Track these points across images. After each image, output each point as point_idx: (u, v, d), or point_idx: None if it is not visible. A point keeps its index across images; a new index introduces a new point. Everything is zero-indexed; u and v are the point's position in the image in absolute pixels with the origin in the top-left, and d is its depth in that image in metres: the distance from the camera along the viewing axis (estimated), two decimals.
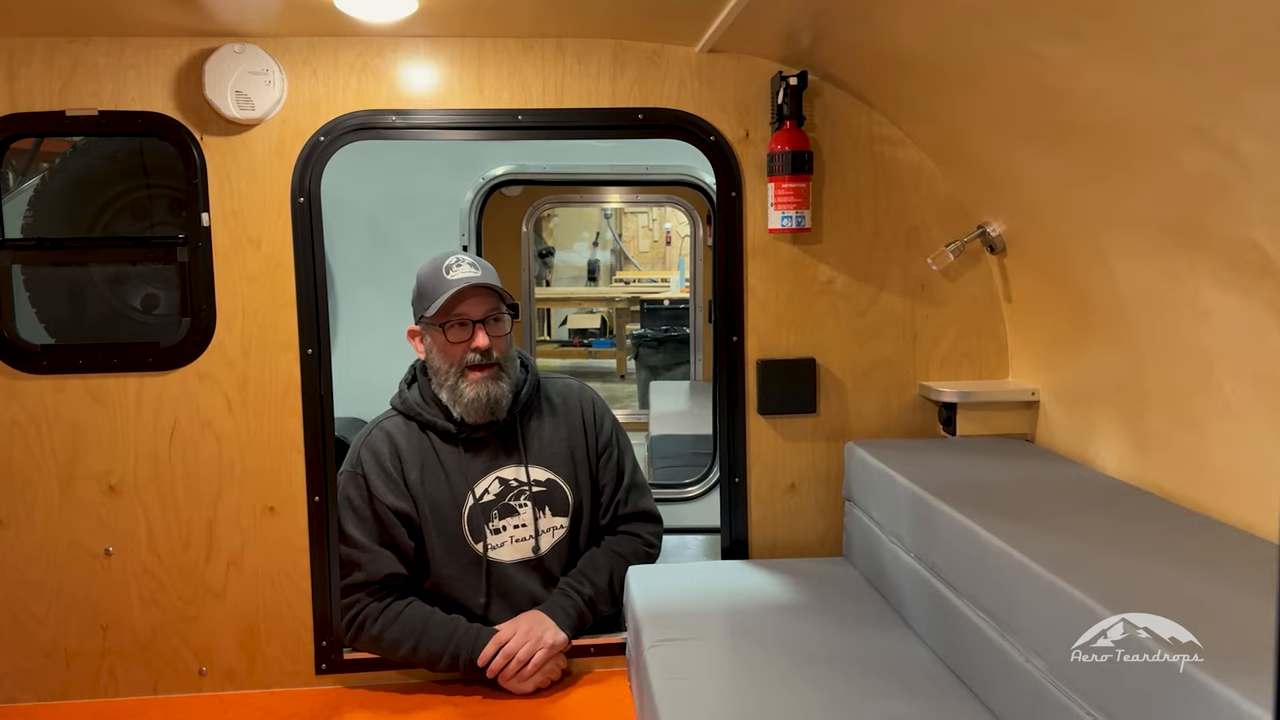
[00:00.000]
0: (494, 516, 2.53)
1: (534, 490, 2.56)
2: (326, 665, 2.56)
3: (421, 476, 2.52)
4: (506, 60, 2.48)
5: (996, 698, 1.76)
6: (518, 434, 2.58)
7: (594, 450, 2.65)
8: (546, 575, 2.57)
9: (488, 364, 2.45)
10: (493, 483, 2.55)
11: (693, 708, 1.86)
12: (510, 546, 2.54)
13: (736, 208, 2.59)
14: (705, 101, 2.54)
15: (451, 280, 2.43)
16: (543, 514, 2.57)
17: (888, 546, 2.29)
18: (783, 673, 1.96)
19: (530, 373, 2.63)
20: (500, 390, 2.47)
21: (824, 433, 2.68)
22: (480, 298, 2.46)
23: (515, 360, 2.54)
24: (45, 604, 2.51)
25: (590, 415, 2.67)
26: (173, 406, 2.50)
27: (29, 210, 3.17)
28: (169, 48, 2.39)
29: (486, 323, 2.46)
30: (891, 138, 2.60)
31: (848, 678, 1.93)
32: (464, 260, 2.48)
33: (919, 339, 2.68)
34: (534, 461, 2.57)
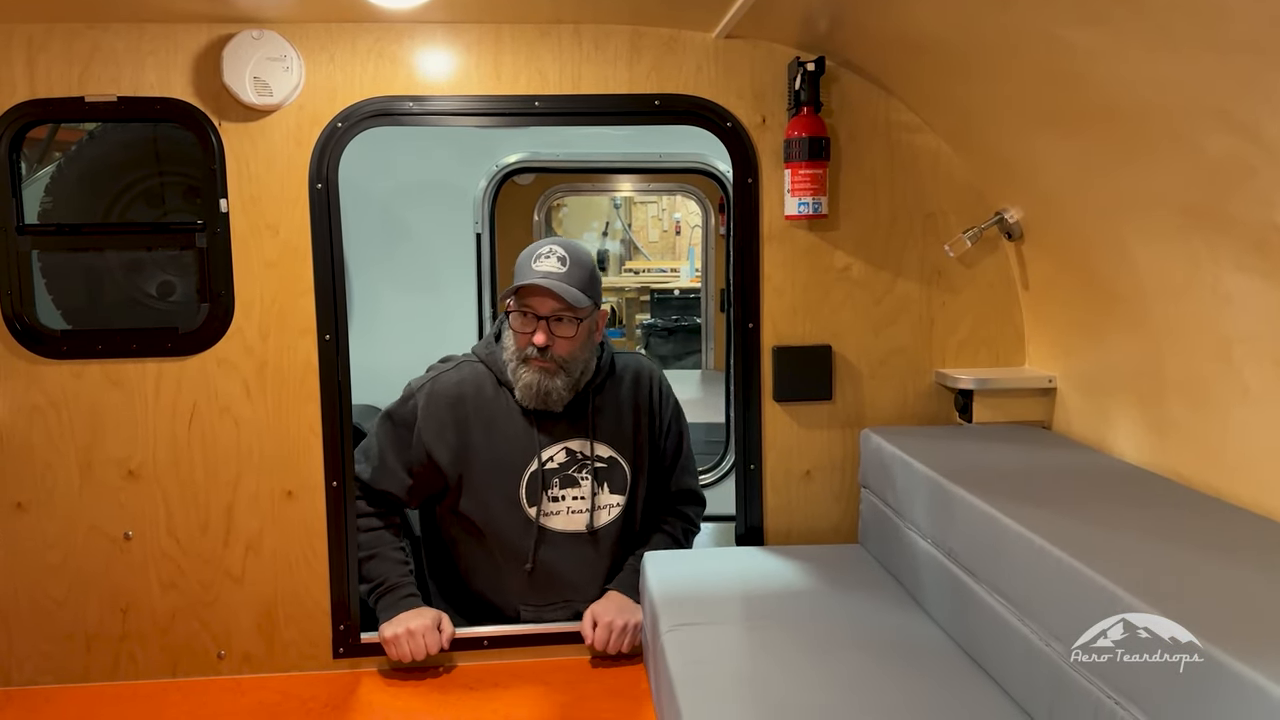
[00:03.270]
0: (554, 484, 2.60)
1: (596, 466, 2.61)
2: (344, 649, 2.58)
3: (487, 432, 2.58)
4: (523, 46, 2.48)
5: (1016, 683, 1.77)
6: (589, 410, 2.61)
7: (659, 431, 2.72)
8: (597, 549, 2.64)
9: (546, 360, 2.49)
10: (559, 451, 2.60)
11: (710, 693, 1.86)
12: (565, 516, 2.61)
13: (753, 194, 2.59)
14: (722, 87, 2.54)
15: (533, 270, 2.47)
16: (601, 490, 2.62)
17: (904, 533, 2.30)
18: (799, 658, 1.97)
19: (606, 351, 2.68)
20: (553, 385, 2.50)
21: (840, 420, 2.68)
22: (552, 295, 2.47)
23: (581, 361, 2.55)
24: (65, 587, 2.53)
25: (657, 397, 2.72)
26: (191, 391, 2.51)
27: (46, 196, 3.18)
28: (187, 34, 2.40)
29: (550, 321, 2.47)
30: (909, 124, 2.59)
31: (864, 663, 1.94)
32: (556, 252, 2.50)
33: (935, 326, 2.67)
34: (599, 439, 2.62)
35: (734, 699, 1.85)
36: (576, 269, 2.49)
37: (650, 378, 2.74)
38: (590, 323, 2.54)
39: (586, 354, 2.56)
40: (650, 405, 2.71)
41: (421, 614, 2.49)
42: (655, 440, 2.72)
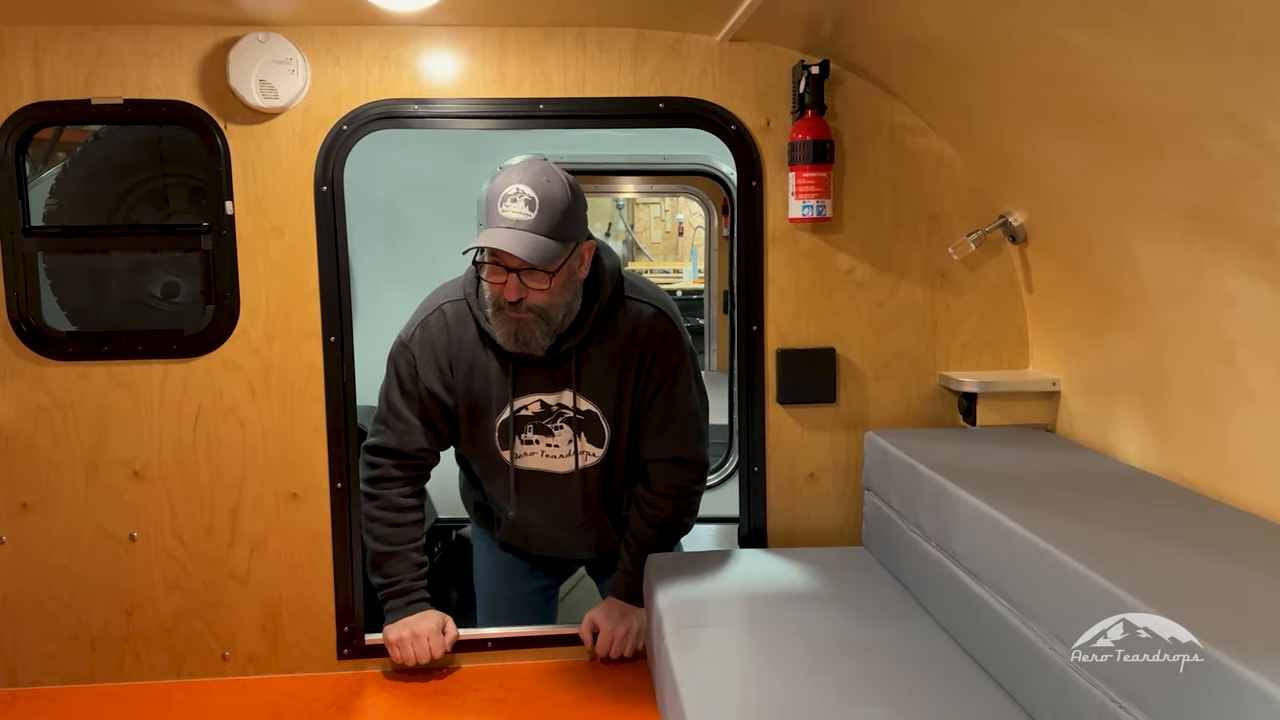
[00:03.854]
0: (527, 431, 2.48)
1: (574, 417, 2.46)
2: (348, 651, 2.58)
3: (469, 374, 2.44)
4: (528, 49, 2.48)
5: (1020, 685, 1.77)
6: (571, 363, 2.41)
7: (642, 389, 2.45)
8: (581, 492, 2.53)
9: (521, 311, 2.28)
10: (534, 402, 2.45)
11: (714, 695, 1.87)
12: (539, 459, 2.50)
13: (757, 197, 2.59)
14: (726, 91, 2.54)
15: (499, 216, 2.21)
16: (579, 438, 2.48)
17: (908, 535, 2.30)
18: (803, 660, 1.97)
19: (599, 302, 2.37)
20: (532, 335, 2.30)
21: (843, 422, 2.69)
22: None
23: (563, 304, 2.30)
24: (70, 588, 2.53)
25: (649, 355, 2.42)
26: (196, 393, 2.51)
27: (51, 199, 3.19)
28: (193, 36, 2.40)
29: (522, 273, 2.23)
30: (913, 127, 2.60)
31: (868, 665, 1.94)
32: (523, 195, 2.20)
33: (939, 328, 2.68)
34: (582, 390, 2.44)
35: (737, 701, 1.86)
36: (547, 212, 2.20)
37: (649, 330, 2.42)
38: (571, 264, 2.29)
39: (568, 295, 2.31)
40: (640, 361, 2.42)
41: (426, 617, 2.47)
42: (640, 395, 2.46)
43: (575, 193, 2.27)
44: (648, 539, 2.53)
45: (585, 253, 2.32)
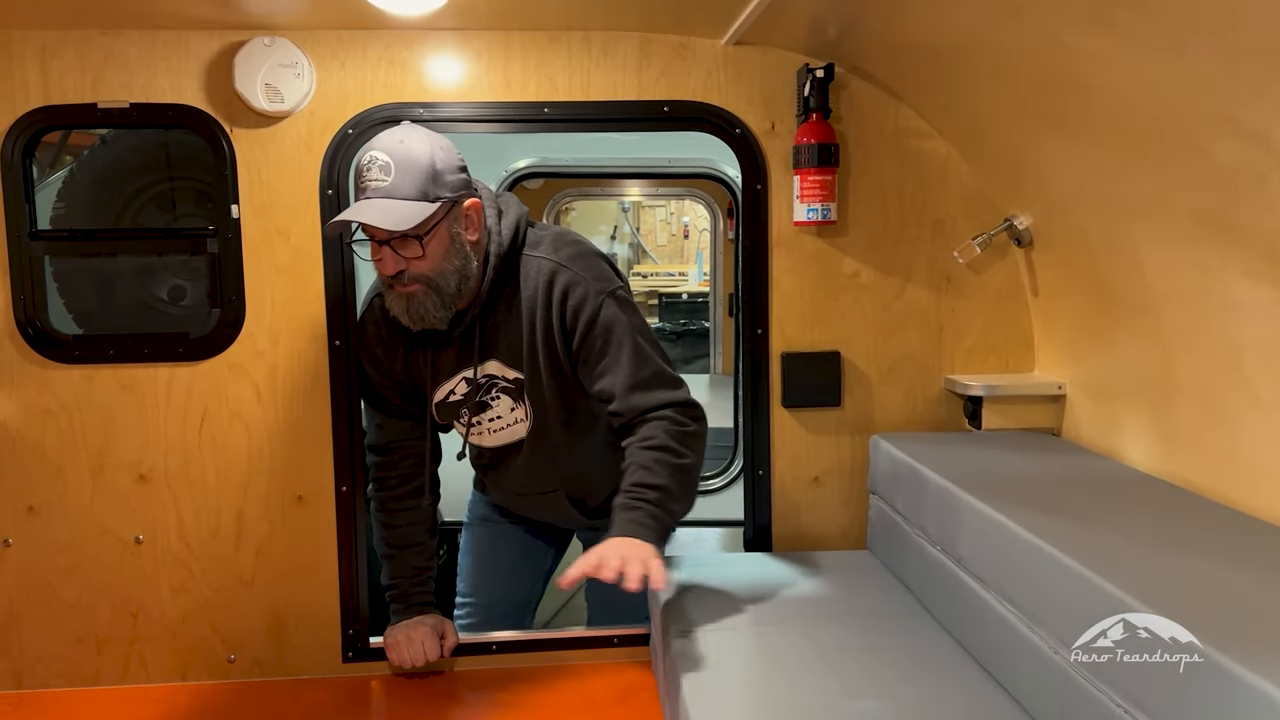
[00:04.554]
0: (464, 414, 2.39)
1: (504, 385, 2.34)
2: (353, 654, 2.58)
3: (405, 364, 2.38)
4: (533, 53, 2.49)
5: (1025, 690, 1.76)
6: (477, 334, 2.28)
7: (571, 350, 2.27)
8: (527, 461, 2.44)
9: (405, 283, 2.15)
10: (459, 383, 2.35)
11: (718, 698, 1.87)
12: (488, 435, 2.43)
13: (762, 200, 2.59)
14: (731, 94, 2.54)
15: (358, 189, 2.10)
16: (519, 405, 2.35)
17: (913, 539, 2.30)
18: (807, 664, 1.97)
19: (492, 264, 2.22)
20: (425, 308, 2.16)
21: (848, 426, 2.68)
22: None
23: (452, 271, 2.15)
24: (76, 591, 2.54)
25: (558, 313, 2.23)
26: (202, 396, 2.52)
27: (59, 202, 3.20)
28: (199, 40, 2.41)
29: (394, 243, 2.10)
30: (918, 130, 2.59)
31: (872, 669, 1.94)
32: (377, 160, 2.06)
33: (944, 332, 2.67)
34: (499, 358, 2.30)
35: (741, 704, 1.86)
36: (405, 173, 2.06)
37: (547, 283, 2.23)
38: (449, 225, 2.13)
39: (456, 261, 2.15)
40: (546, 318, 2.24)
41: (423, 621, 2.44)
42: (562, 353, 2.27)
43: (442, 149, 2.13)
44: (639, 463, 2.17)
45: (471, 212, 2.17)
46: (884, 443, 2.53)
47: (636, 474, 2.16)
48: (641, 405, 2.22)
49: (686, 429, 2.22)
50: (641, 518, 2.10)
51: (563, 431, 2.39)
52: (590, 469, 2.52)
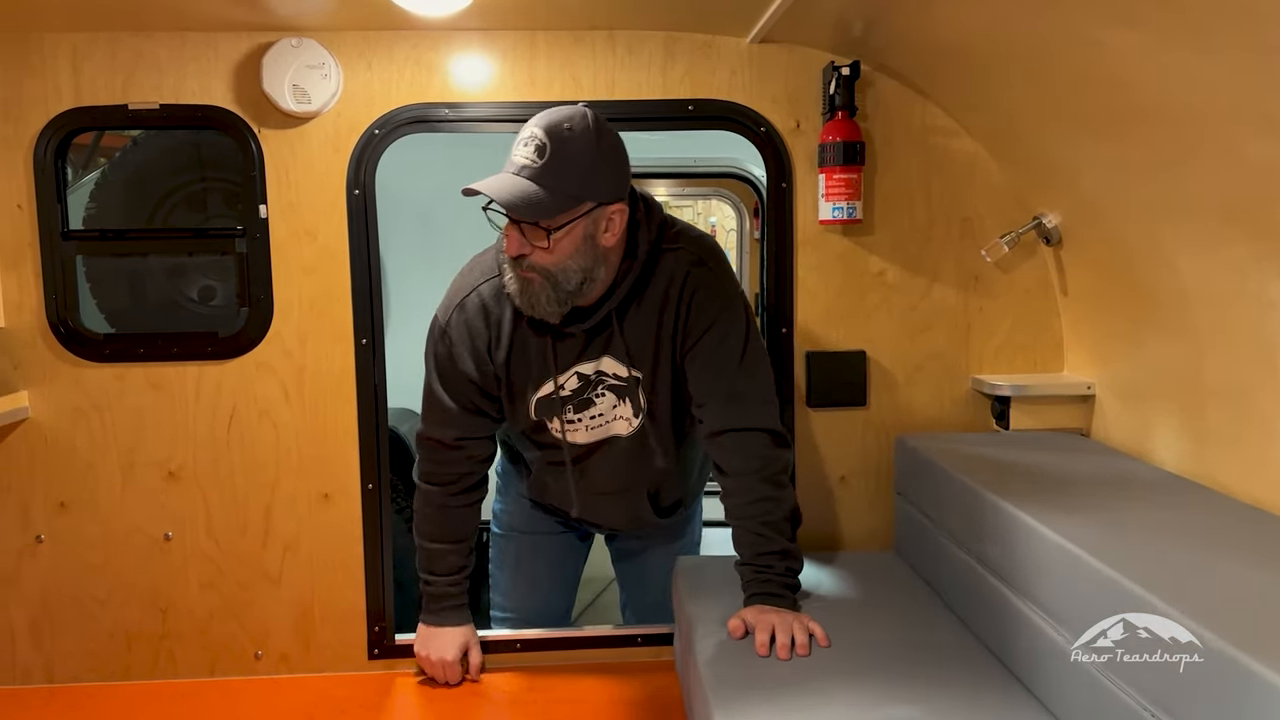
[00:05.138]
0: (568, 411, 2.28)
1: (612, 382, 2.24)
2: (379, 651, 2.60)
3: (509, 355, 2.23)
4: (558, 52, 2.49)
5: (1053, 694, 1.74)
6: (610, 328, 2.18)
7: (680, 346, 2.20)
8: (620, 462, 2.35)
9: (525, 269, 2.06)
10: (571, 377, 2.24)
11: (741, 699, 1.86)
12: (584, 434, 2.32)
13: (787, 199, 2.58)
14: (756, 92, 2.53)
15: (508, 160, 2.01)
16: (621, 404, 2.27)
17: (940, 540, 2.28)
18: (833, 665, 1.95)
19: (639, 261, 2.13)
20: (537, 298, 2.06)
21: (874, 426, 2.66)
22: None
23: (576, 271, 2.04)
24: (107, 587, 2.57)
25: (684, 307, 2.17)
26: (231, 395, 2.54)
27: (91, 203, 3.25)
28: (228, 42, 2.43)
29: (524, 226, 2.01)
30: (946, 128, 2.57)
31: (899, 672, 1.92)
32: (535, 139, 1.96)
33: (972, 332, 2.65)
34: (615, 355, 2.21)
35: (766, 706, 1.84)
36: (556, 164, 1.94)
37: (684, 283, 2.16)
38: (585, 227, 2.02)
39: (583, 261, 2.04)
40: (676, 317, 2.17)
41: (452, 643, 2.42)
42: (679, 356, 2.22)
43: (606, 148, 2.00)
44: (752, 529, 2.17)
45: (615, 216, 2.04)
46: (910, 443, 2.51)
47: (754, 542, 2.18)
48: (734, 422, 2.18)
49: (775, 462, 2.20)
50: (775, 589, 2.13)
51: (669, 429, 2.32)
52: (681, 468, 2.47)
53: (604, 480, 2.40)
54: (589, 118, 1.98)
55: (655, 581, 2.64)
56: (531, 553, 2.67)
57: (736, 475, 2.19)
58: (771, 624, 2.02)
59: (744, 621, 2.06)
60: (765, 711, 1.81)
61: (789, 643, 1.99)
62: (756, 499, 2.17)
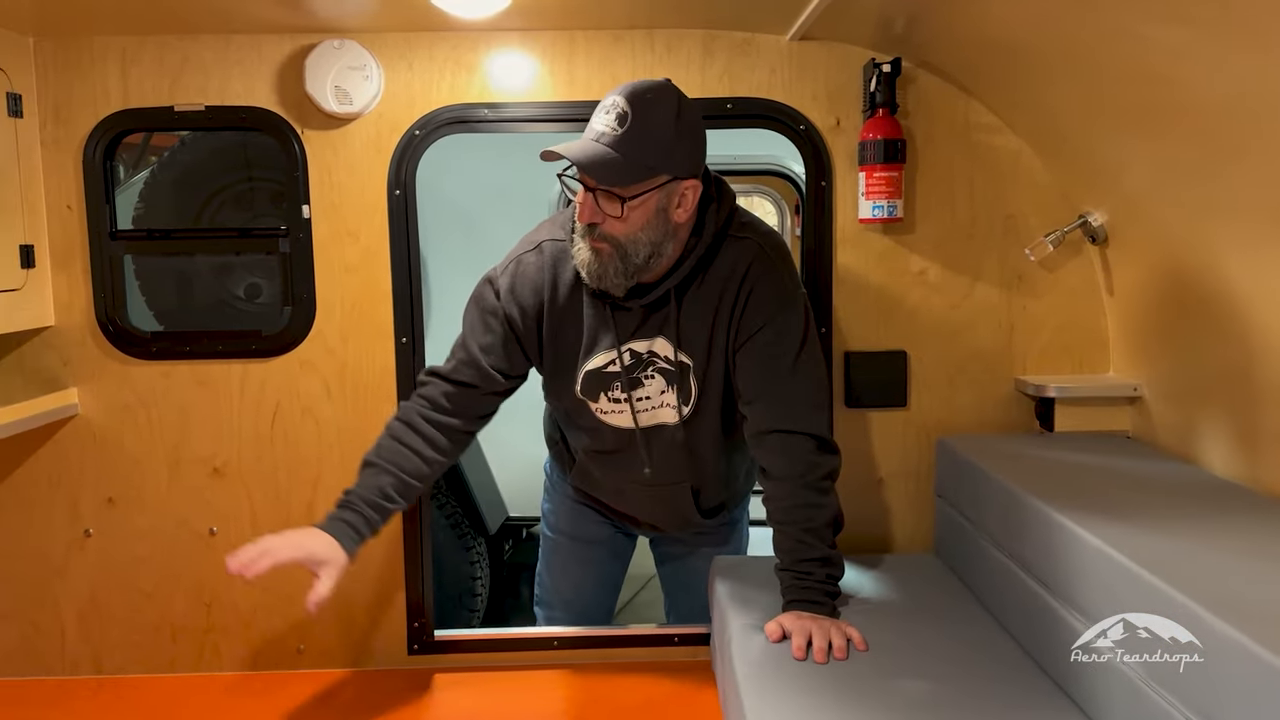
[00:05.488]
0: (614, 387, 2.22)
1: (663, 365, 2.19)
2: (418, 646, 2.62)
3: (561, 318, 2.18)
4: (597, 51, 2.49)
5: (1093, 700, 1.71)
6: (668, 308, 2.14)
7: (734, 338, 2.16)
8: (663, 452, 2.29)
9: (596, 238, 2.03)
10: (625, 353, 2.18)
11: (777, 700, 1.85)
12: (626, 417, 2.25)
13: (826, 197, 2.56)
14: (795, 90, 2.51)
15: (588, 127, 1.99)
16: (670, 390, 2.21)
17: (981, 544, 2.25)
18: (870, 668, 1.94)
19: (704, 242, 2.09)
20: (605, 270, 2.03)
21: (915, 427, 2.64)
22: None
23: (647, 245, 2.02)
24: (153, 581, 2.62)
25: (742, 298, 2.12)
26: (275, 392, 2.58)
27: (140, 202, 3.31)
28: (271, 44, 2.46)
29: (599, 194, 1.99)
30: (989, 125, 2.54)
31: (936, 676, 1.90)
32: (617, 107, 1.93)
33: (1015, 332, 2.61)
34: (668, 336, 2.16)
35: (802, 708, 1.83)
36: (637, 132, 1.92)
37: (746, 273, 2.11)
38: (659, 200, 1.99)
39: (654, 235, 2.01)
40: (733, 307, 2.12)
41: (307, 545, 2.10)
42: (731, 348, 2.17)
43: (686, 122, 1.98)
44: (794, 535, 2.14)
45: (688, 192, 2.01)
46: (951, 444, 2.48)
47: (795, 548, 2.14)
48: (780, 423, 2.13)
49: (819, 468, 2.14)
50: (814, 595, 2.11)
51: (718, 425, 2.27)
52: (729, 465, 2.43)
53: (646, 471, 2.34)
54: (672, 90, 1.98)
55: (699, 588, 2.64)
56: (576, 558, 2.67)
57: (780, 479, 2.15)
58: (809, 630, 2.01)
59: (781, 626, 2.05)
60: (801, 714, 1.80)
61: (826, 647, 1.98)
62: (799, 504, 2.13)
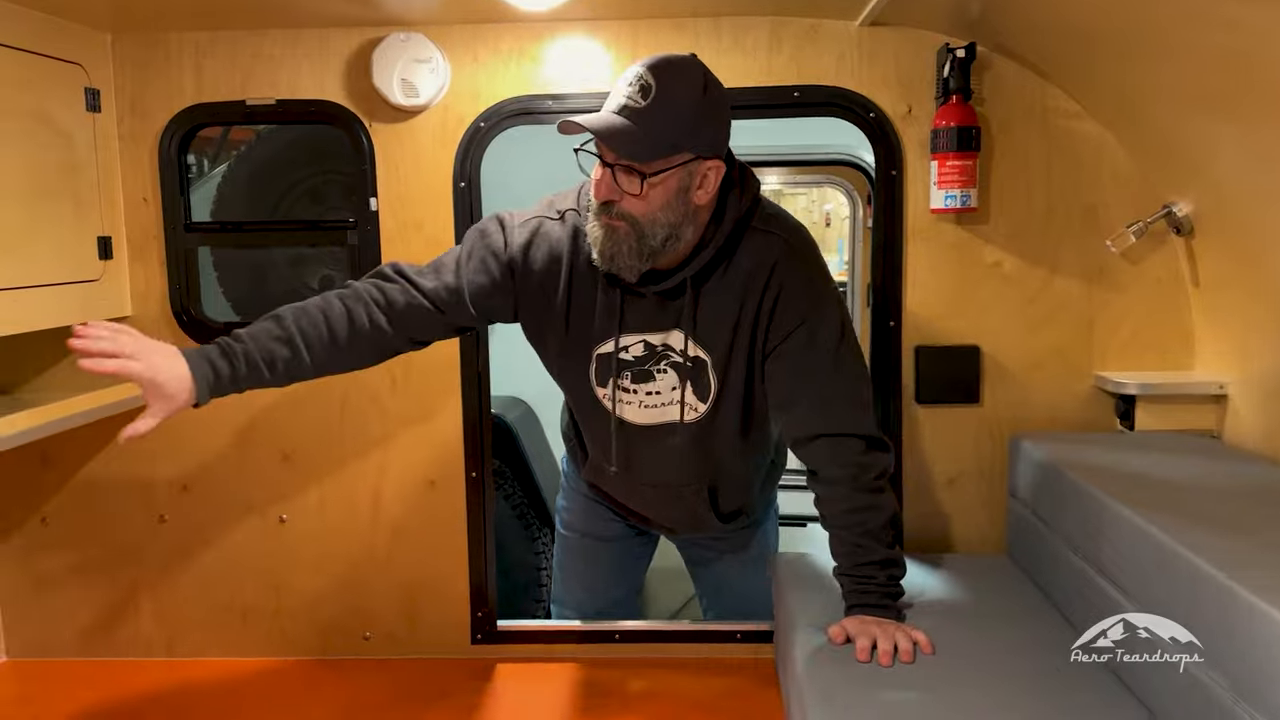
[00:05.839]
0: (625, 378, 2.13)
1: (676, 359, 2.09)
2: (481, 635, 2.64)
3: (569, 297, 2.08)
4: (661, 41, 2.46)
5: (1171, 714, 1.64)
6: (685, 299, 2.03)
7: (764, 340, 2.05)
8: (677, 452, 2.18)
9: (612, 216, 1.92)
10: (638, 343, 2.09)
11: (842, 703, 1.81)
12: (636, 410, 2.15)
13: (897, 187, 2.49)
14: (865, 77, 2.45)
15: (612, 98, 1.87)
16: (683, 386, 2.12)
17: (1056, 547, 2.17)
18: (936, 672, 1.88)
19: (724, 231, 1.98)
20: (619, 249, 1.92)
21: (988, 424, 2.56)
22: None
23: (664, 226, 1.91)
24: (224, 565, 2.68)
25: (770, 297, 2.01)
26: (342, 382, 2.59)
27: (218, 196, 3.39)
28: (340, 37, 2.49)
29: (617, 170, 1.88)
30: (1068, 111, 2.44)
31: (1007, 683, 1.84)
32: (641, 80, 1.83)
33: (1095, 326, 2.51)
34: (684, 329, 2.06)
35: (865, 713, 1.79)
36: (659, 106, 1.81)
37: (771, 269, 1.99)
38: (680, 179, 1.88)
39: (673, 216, 1.90)
40: (760, 305, 2.01)
41: (163, 370, 1.84)
42: (758, 348, 2.06)
43: (711, 99, 1.87)
44: (850, 540, 2.06)
45: (710, 173, 1.91)
46: (1026, 443, 2.40)
47: (853, 552, 2.07)
48: (826, 426, 2.05)
49: (871, 469, 2.06)
50: (876, 599, 2.04)
51: (736, 422, 2.17)
52: (746, 468, 2.36)
53: (659, 471, 2.26)
54: (697, 66, 1.88)
55: (732, 592, 2.61)
56: (591, 556, 2.63)
57: (831, 484, 2.07)
58: (873, 634, 1.95)
59: (845, 630, 2.00)
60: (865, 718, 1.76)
61: (891, 649, 1.92)
62: (853, 508, 2.06)
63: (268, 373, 1.95)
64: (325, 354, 2.01)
